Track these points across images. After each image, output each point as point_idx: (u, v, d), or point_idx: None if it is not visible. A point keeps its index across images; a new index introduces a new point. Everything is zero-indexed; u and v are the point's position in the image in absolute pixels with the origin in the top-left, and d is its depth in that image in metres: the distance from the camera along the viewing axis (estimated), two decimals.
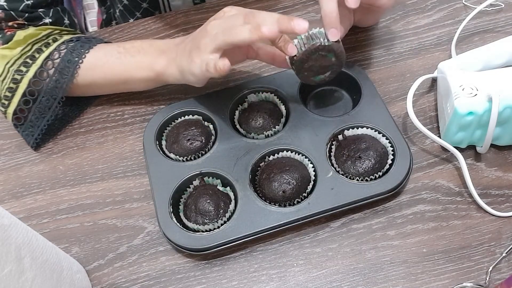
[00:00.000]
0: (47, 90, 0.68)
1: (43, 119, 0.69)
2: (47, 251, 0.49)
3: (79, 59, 0.68)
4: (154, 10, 0.88)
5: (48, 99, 0.68)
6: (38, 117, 0.69)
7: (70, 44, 0.69)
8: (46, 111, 0.68)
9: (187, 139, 0.66)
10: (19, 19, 0.69)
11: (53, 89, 0.68)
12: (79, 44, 0.69)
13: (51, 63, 0.68)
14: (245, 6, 0.83)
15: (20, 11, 0.69)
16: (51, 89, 0.68)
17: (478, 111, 0.58)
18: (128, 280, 0.59)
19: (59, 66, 0.68)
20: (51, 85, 0.67)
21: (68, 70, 0.67)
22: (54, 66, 0.68)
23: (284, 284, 0.57)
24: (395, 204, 0.61)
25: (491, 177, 0.62)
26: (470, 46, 0.74)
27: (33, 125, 0.69)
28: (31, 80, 0.67)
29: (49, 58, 0.68)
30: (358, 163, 0.61)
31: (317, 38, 0.59)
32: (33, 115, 0.69)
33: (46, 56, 0.68)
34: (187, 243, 0.58)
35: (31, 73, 0.67)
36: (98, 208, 0.65)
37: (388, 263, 0.57)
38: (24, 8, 0.69)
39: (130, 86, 0.72)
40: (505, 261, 0.56)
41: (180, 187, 0.63)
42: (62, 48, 0.69)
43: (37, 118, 0.69)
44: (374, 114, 0.66)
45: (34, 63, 0.67)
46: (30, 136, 0.69)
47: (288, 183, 0.60)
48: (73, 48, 0.69)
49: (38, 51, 0.68)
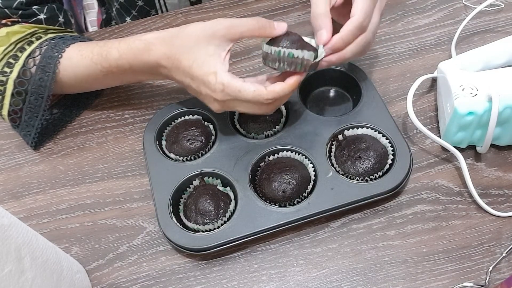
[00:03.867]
0: (33, 89, 0.66)
1: (36, 118, 0.68)
2: (47, 251, 0.49)
3: (59, 54, 0.65)
4: (150, 8, 0.88)
5: (36, 98, 0.66)
6: (31, 117, 0.68)
7: (52, 42, 0.67)
8: (37, 110, 0.67)
9: (187, 139, 0.66)
10: (13, 17, 0.68)
11: (38, 87, 0.66)
12: (61, 41, 0.67)
13: (32, 61, 0.66)
14: (245, 6, 0.84)
15: (14, 8, 0.68)
16: (36, 88, 0.66)
17: (478, 111, 0.58)
18: (128, 280, 0.59)
19: (41, 63, 0.65)
20: (36, 84, 0.66)
21: (49, 67, 0.65)
22: (36, 64, 0.65)
23: (284, 284, 0.57)
24: (395, 204, 0.61)
25: (491, 177, 0.62)
26: (470, 46, 0.74)
27: (28, 124, 0.68)
28: (15, 81, 0.65)
29: (30, 56, 0.66)
30: (358, 163, 0.61)
31: (296, 62, 0.57)
32: (25, 115, 0.68)
33: (28, 55, 0.66)
34: (187, 243, 0.58)
35: (15, 74, 0.65)
36: (98, 208, 0.65)
37: (388, 263, 0.57)
38: (18, 5, 0.68)
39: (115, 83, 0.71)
40: (505, 261, 0.56)
41: (180, 187, 0.63)
42: (44, 45, 0.67)
43: (30, 118, 0.68)
44: (374, 114, 0.66)
45: (17, 63, 0.66)
46: (28, 136, 0.69)
47: (288, 183, 0.60)
48: (54, 44, 0.67)
49: (21, 50, 0.66)
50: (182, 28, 0.60)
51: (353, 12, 0.59)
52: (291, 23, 0.81)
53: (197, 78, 0.58)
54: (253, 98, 0.57)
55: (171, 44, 0.60)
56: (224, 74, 0.57)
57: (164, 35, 0.61)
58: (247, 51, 0.79)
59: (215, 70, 0.57)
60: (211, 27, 0.58)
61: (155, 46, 0.61)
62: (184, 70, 0.59)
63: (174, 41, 0.60)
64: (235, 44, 0.78)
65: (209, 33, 0.58)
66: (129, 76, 0.66)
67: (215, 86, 0.57)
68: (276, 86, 0.57)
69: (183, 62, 0.59)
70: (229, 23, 0.58)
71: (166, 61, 0.60)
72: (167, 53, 0.60)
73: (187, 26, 0.60)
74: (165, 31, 0.61)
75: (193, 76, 0.59)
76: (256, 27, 0.57)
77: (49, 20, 0.71)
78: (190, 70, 0.59)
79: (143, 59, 0.62)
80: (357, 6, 0.59)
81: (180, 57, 0.59)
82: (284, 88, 0.57)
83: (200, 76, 0.58)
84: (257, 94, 0.56)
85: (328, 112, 0.69)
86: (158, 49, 0.60)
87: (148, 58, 0.61)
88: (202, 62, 0.58)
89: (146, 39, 0.61)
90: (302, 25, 0.80)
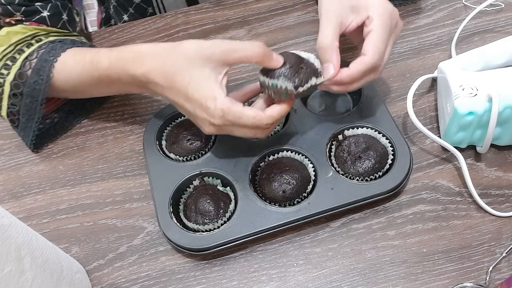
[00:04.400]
0: (28, 92, 0.65)
1: (33, 121, 0.67)
2: (47, 251, 0.49)
3: (54, 58, 0.64)
4: (147, 6, 0.88)
5: (32, 101, 0.65)
6: (28, 119, 0.67)
7: (50, 45, 0.66)
8: (33, 113, 0.66)
9: (187, 139, 0.66)
10: (17, 14, 0.67)
11: (33, 90, 0.65)
12: (59, 45, 0.66)
13: (29, 64, 0.65)
14: (245, 6, 0.84)
15: (17, 5, 0.67)
16: (31, 91, 0.65)
17: (478, 111, 0.58)
18: (128, 280, 0.59)
19: (36, 66, 0.64)
20: (30, 87, 0.65)
21: (44, 71, 0.64)
22: (31, 67, 0.64)
23: (284, 284, 0.57)
24: (395, 204, 0.61)
25: (491, 177, 0.62)
26: (470, 46, 0.74)
27: (26, 127, 0.68)
28: (11, 83, 0.65)
29: (27, 59, 0.65)
30: (358, 163, 0.61)
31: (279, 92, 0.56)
32: (23, 117, 0.67)
33: (25, 57, 0.65)
34: (187, 243, 0.58)
35: (11, 76, 0.65)
36: (98, 208, 0.65)
37: (388, 263, 0.57)
38: (21, 1, 0.67)
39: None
40: (505, 261, 0.56)
41: (180, 187, 0.63)
42: (42, 48, 0.66)
43: (27, 120, 0.67)
44: (374, 114, 0.66)
45: (14, 65, 0.65)
46: (26, 138, 0.69)
47: (288, 183, 0.60)
48: (51, 48, 0.65)
49: (19, 52, 0.66)
50: (177, 44, 0.57)
51: (365, 51, 0.57)
52: (291, 23, 0.81)
53: (194, 101, 0.56)
54: (253, 124, 0.56)
55: (164, 60, 0.57)
56: (224, 99, 0.54)
57: (157, 49, 0.58)
58: None
59: (214, 95, 0.54)
60: (207, 49, 0.55)
61: (146, 59, 0.58)
62: (179, 90, 0.56)
63: (168, 57, 0.57)
64: None
65: (205, 55, 0.55)
66: (119, 87, 0.64)
67: (214, 112, 0.54)
68: (275, 110, 0.56)
69: (177, 82, 0.56)
70: (227, 47, 0.55)
71: (159, 78, 0.57)
72: (159, 68, 0.57)
73: (182, 43, 0.57)
74: (159, 45, 0.58)
75: (189, 98, 0.56)
76: (255, 55, 0.55)
77: (52, 18, 0.70)
78: (186, 91, 0.56)
79: (132, 71, 0.58)
80: (370, 43, 0.57)
81: (174, 76, 0.56)
82: (281, 111, 0.57)
83: (197, 100, 0.55)
84: (258, 120, 0.55)
85: (328, 112, 0.69)
86: (149, 63, 0.57)
87: (137, 70, 0.58)
88: (199, 85, 0.55)
89: (138, 51, 0.59)
90: (302, 25, 0.80)
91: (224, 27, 0.82)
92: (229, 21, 0.82)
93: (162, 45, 0.58)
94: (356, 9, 0.59)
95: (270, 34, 0.80)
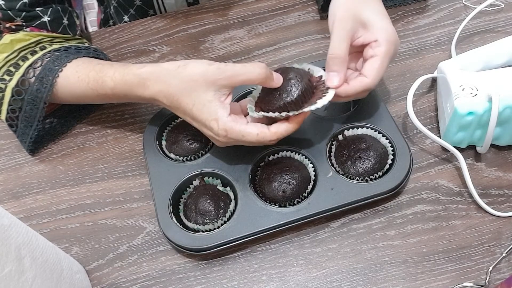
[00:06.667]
0: (29, 99, 0.65)
1: (30, 128, 0.67)
2: (47, 251, 0.49)
3: (59, 68, 0.65)
4: (147, 8, 0.88)
5: (32, 108, 0.66)
6: (26, 125, 0.67)
7: (56, 54, 0.67)
8: (32, 120, 0.67)
9: (187, 139, 0.66)
10: (17, 19, 0.67)
11: (35, 98, 0.65)
12: (64, 55, 0.66)
13: (32, 71, 0.65)
14: (245, 6, 0.84)
15: (17, 10, 0.67)
16: (33, 98, 0.65)
17: (478, 111, 0.58)
18: (128, 280, 0.59)
19: (40, 74, 0.65)
20: (32, 94, 0.65)
21: (48, 79, 0.64)
22: (35, 75, 0.65)
23: (284, 284, 0.57)
24: (395, 204, 0.61)
25: (491, 177, 0.62)
26: (470, 46, 0.74)
27: (24, 132, 0.68)
28: (13, 89, 0.65)
29: (31, 66, 0.65)
30: (358, 163, 0.61)
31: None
32: (21, 123, 0.67)
33: (29, 65, 0.65)
34: (187, 243, 0.58)
35: (14, 82, 0.65)
36: (98, 208, 0.65)
37: (388, 263, 0.57)
38: (21, 6, 0.67)
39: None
40: (505, 261, 0.56)
41: (180, 187, 0.63)
42: (46, 56, 0.66)
43: (25, 126, 0.67)
44: (374, 114, 0.66)
45: (17, 72, 0.65)
46: (24, 142, 0.69)
47: (288, 183, 0.60)
48: (56, 57, 0.66)
49: (23, 59, 0.66)
50: (180, 67, 0.57)
51: (367, 73, 0.59)
52: (291, 23, 0.81)
53: (199, 122, 0.58)
54: (256, 141, 0.57)
55: (167, 83, 0.58)
56: (226, 119, 0.56)
57: (160, 72, 0.58)
58: (247, 51, 0.79)
59: (216, 117, 0.56)
60: (213, 75, 0.56)
61: (150, 83, 0.59)
62: (185, 111, 0.58)
63: (171, 80, 0.58)
64: (235, 44, 0.79)
65: (209, 80, 0.56)
66: (127, 101, 0.66)
67: (218, 132, 0.57)
68: (280, 128, 0.57)
69: (182, 104, 0.58)
70: (231, 73, 0.56)
71: (164, 99, 0.59)
72: (164, 91, 0.58)
73: (186, 66, 0.57)
74: (160, 66, 0.59)
75: (195, 118, 0.58)
76: (258, 78, 0.56)
77: (53, 22, 0.70)
78: (191, 112, 0.58)
79: (138, 93, 0.60)
80: (373, 68, 0.59)
81: (179, 98, 0.58)
82: (288, 129, 0.58)
83: (202, 121, 0.57)
84: (261, 137, 0.57)
85: (328, 112, 0.69)
86: (153, 86, 0.59)
87: (143, 93, 0.60)
88: (202, 107, 0.57)
89: (140, 74, 0.59)
90: (302, 25, 0.80)
91: (224, 27, 0.82)
92: (229, 21, 0.82)
93: (164, 66, 0.59)
94: (366, 27, 0.61)
95: (270, 34, 0.80)
